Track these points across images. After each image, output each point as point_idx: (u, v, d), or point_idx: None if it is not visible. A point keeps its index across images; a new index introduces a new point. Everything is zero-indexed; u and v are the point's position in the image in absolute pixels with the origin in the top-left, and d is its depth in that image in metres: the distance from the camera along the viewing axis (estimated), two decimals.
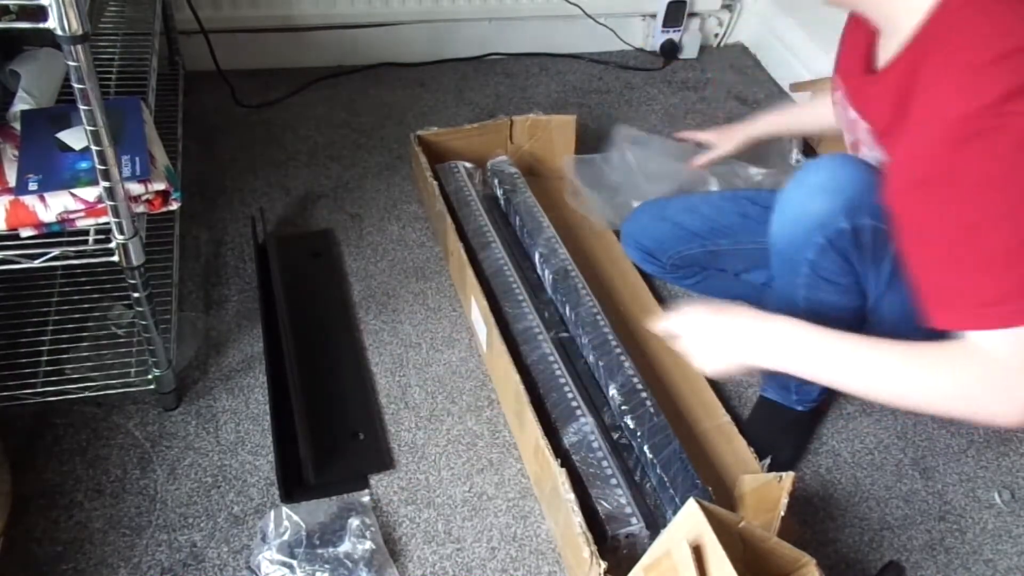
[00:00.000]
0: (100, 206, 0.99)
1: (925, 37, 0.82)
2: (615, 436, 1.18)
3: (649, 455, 1.12)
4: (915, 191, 0.82)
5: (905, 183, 0.84)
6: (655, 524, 1.06)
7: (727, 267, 1.40)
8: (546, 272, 1.39)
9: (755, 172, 1.61)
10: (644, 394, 1.18)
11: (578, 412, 1.16)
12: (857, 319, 1.11)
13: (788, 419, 1.26)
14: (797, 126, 1.50)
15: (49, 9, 0.80)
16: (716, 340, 0.95)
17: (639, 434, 1.14)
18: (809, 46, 2.01)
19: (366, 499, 1.14)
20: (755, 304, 1.43)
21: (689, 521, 0.87)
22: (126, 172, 1.01)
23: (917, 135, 0.80)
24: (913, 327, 1.08)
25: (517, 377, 1.16)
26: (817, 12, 1.98)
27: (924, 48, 0.81)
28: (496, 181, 1.58)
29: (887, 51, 0.91)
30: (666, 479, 1.09)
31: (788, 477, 1.03)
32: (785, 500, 1.02)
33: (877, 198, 0.94)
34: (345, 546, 1.07)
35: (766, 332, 0.92)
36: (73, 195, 1.00)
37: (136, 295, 1.08)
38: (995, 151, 0.74)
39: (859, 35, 1.00)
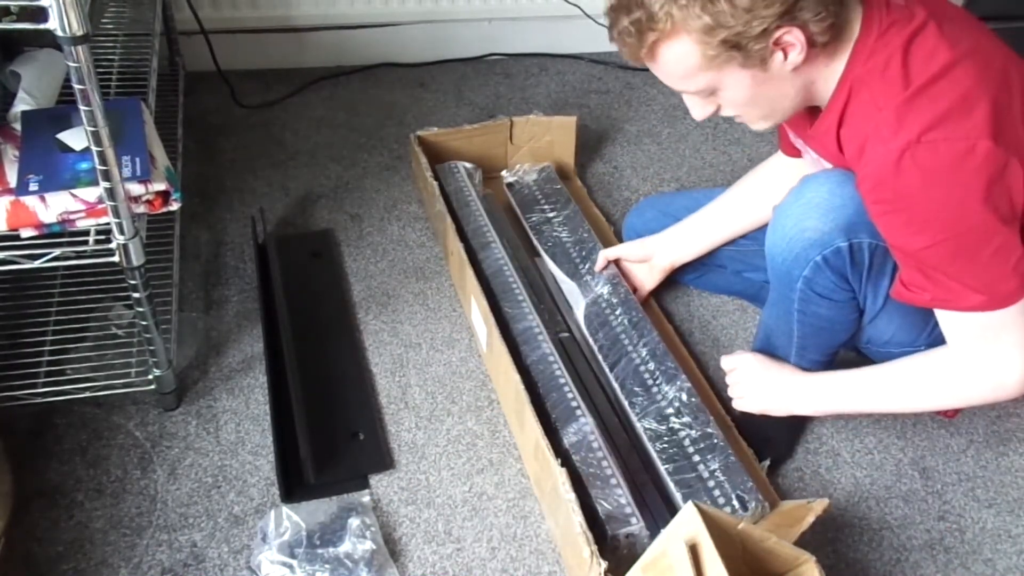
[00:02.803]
0: (100, 207, 1.00)
1: (840, 93, 0.95)
2: (668, 426, 1.19)
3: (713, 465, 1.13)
4: (881, 216, 0.94)
5: (874, 210, 0.94)
6: (655, 524, 1.06)
7: (727, 264, 1.40)
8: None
9: None
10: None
11: (578, 412, 1.16)
12: (850, 331, 1.13)
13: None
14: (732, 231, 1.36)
15: (50, 10, 0.81)
16: (765, 389, 1.17)
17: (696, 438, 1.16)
18: None
19: (366, 499, 1.14)
20: (752, 301, 1.45)
21: (687, 522, 0.88)
22: (126, 173, 1.02)
23: (868, 168, 0.91)
24: (907, 340, 1.11)
25: (517, 377, 1.17)
26: None
27: (843, 99, 0.94)
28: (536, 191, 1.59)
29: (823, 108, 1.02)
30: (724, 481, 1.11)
31: (820, 504, 1.03)
32: (811, 519, 1.02)
33: None
34: (345, 546, 1.07)
35: (809, 385, 1.14)
36: (73, 196, 1.00)
37: (136, 295, 1.08)
38: (928, 173, 0.86)
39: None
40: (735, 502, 1.08)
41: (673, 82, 0.96)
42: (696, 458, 1.13)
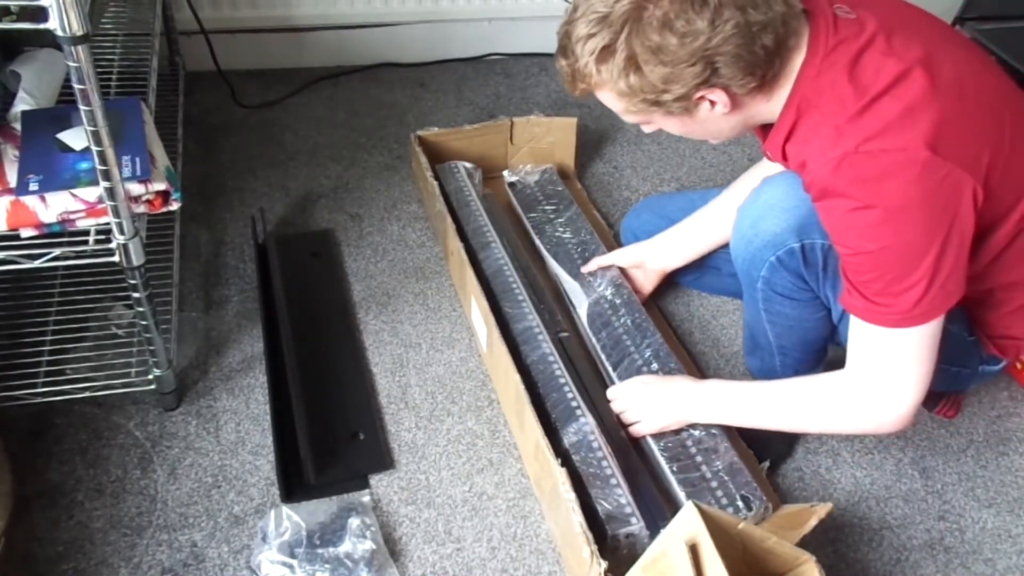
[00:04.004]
0: (100, 206, 1.00)
1: (788, 114, 0.95)
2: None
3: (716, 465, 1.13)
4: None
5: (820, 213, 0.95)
6: (655, 524, 1.06)
7: (721, 267, 1.40)
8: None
9: None
10: None
11: (578, 412, 1.16)
12: (823, 328, 1.13)
13: None
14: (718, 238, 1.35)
15: (50, 10, 0.81)
16: (655, 405, 1.15)
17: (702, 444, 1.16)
18: None
19: (366, 499, 1.14)
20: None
21: (687, 522, 0.88)
22: (126, 172, 1.02)
23: (810, 177, 0.92)
24: None
25: (517, 377, 1.17)
26: None
27: (792, 119, 0.94)
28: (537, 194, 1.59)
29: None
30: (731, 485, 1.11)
31: (824, 508, 1.03)
32: (813, 523, 1.02)
33: None
34: (345, 546, 1.07)
35: (698, 394, 1.13)
36: (73, 195, 1.00)
37: (136, 295, 1.08)
38: (866, 179, 0.86)
39: None
40: (739, 502, 1.08)
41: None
42: (699, 458, 1.13)
